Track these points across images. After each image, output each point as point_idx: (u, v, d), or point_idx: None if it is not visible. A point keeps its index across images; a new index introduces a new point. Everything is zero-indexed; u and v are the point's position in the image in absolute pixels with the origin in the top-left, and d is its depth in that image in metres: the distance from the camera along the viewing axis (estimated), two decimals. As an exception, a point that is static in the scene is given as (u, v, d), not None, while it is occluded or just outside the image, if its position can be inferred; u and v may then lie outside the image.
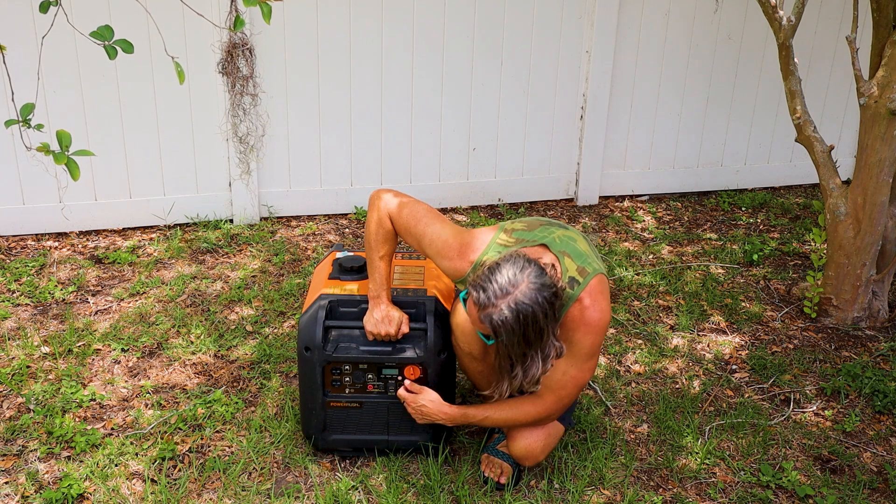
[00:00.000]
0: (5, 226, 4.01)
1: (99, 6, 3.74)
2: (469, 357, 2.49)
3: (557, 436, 2.55)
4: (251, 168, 4.12)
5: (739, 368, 3.26)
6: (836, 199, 3.44)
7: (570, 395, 2.38)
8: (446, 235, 2.39)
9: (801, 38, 4.59)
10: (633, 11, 4.55)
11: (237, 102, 2.53)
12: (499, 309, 2.10)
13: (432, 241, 2.40)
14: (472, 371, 2.55)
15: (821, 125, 4.92)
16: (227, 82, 2.48)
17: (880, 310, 3.59)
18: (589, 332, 2.29)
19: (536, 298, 2.11)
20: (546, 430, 2.49)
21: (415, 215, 2.43)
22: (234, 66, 2.44)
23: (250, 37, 3.28)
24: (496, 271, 2.14)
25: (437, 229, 2.41)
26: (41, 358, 3.11)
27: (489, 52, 4.42)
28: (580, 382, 2.37)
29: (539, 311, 2.12)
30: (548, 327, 2.16)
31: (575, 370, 2.33)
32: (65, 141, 1.75)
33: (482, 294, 2.12)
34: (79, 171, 1.76)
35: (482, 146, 4.60)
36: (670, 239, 4.39)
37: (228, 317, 3.45)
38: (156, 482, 2.51)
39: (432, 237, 2.40)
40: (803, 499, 2.58)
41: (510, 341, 2.14)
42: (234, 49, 2.42)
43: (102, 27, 1.76)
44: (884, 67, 3.23)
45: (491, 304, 2.10)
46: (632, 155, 4.88)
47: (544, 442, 2.49)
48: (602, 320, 2.29)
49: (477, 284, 2.14)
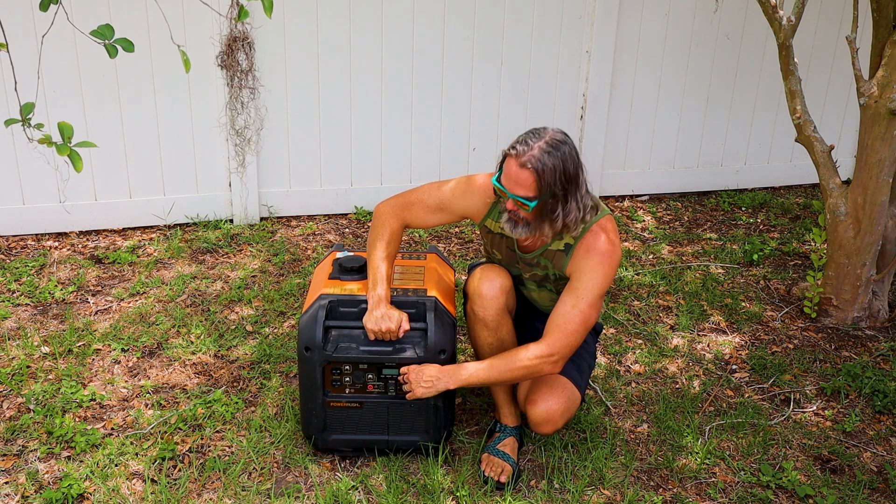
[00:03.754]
0: (5, 226, 4.01)
1: (99, 4, 3.74)
2: (482, 325, 2.51)
3: (576, 403, 2.55)
4: (247, 161, 4.11)
5: (739, 368, 3.26)
6: (836, 199, 3.44)
7: (576, 331, 2.37)
8: (455, 181, 2.60)
9: (801, 38, 4.59)
10: (633, 11, 4.55)
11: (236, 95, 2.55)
12: (538, 148, 2.26)
13: (453, 192, 2.57)
14: (483, 343, 2.55)
15: (821, 125, 4.92)
16: (226, 75, 2.50)
17: (880, 310, 3.59)
18: (602, 262, 2.36)
19: (566, 137, 2.31)
20: (566, 395, 2.49)
21: (422, 196, 2.60)
22: (233, 60, 2.45)
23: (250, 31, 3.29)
24: (525, 134, 2.32)
25: (448, 185, 2.60)
26: (41, 358, 3.11)
27: (489, 52, 4.42)
28: (586, 319, 2.37)
29: (571, 146, 2.30)
30: (580, 165, 2.32)
31: (584, 304, 2.36)
32: (66, 132, 1.76)
33: (518, 146, 2.28)
34: (81, 162, 1.76)
35: (482, 146, 4.60)
36: (670, 239, 4.39)
37: (228, 317, 3.45)
38: (156, 482, 2.51)
39: (452, 188, 2.58)
40: (803, 499, 2.58)
41: (552, 179, 2.25)
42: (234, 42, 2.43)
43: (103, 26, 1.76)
44: (884, 67, 3.23)
45: (530, 148, 2.26)
46: (632, 155, 4.88)
47: (564, 406, 2.49)
48: (615, 253, 2.39)
49: (512, 146, 2.30)
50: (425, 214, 2.59)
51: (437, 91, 4.42)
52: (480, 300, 2.48)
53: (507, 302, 2.52)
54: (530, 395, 2.51)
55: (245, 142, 2.74)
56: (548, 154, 2.25)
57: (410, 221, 2.61)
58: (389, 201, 2.63)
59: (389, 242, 2.55)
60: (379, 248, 2.54)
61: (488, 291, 2.48)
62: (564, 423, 2.53)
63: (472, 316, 2.53)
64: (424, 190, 2.61)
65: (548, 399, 2.48)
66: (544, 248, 2.49)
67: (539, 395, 2.49)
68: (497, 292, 2.48)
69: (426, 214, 2.59)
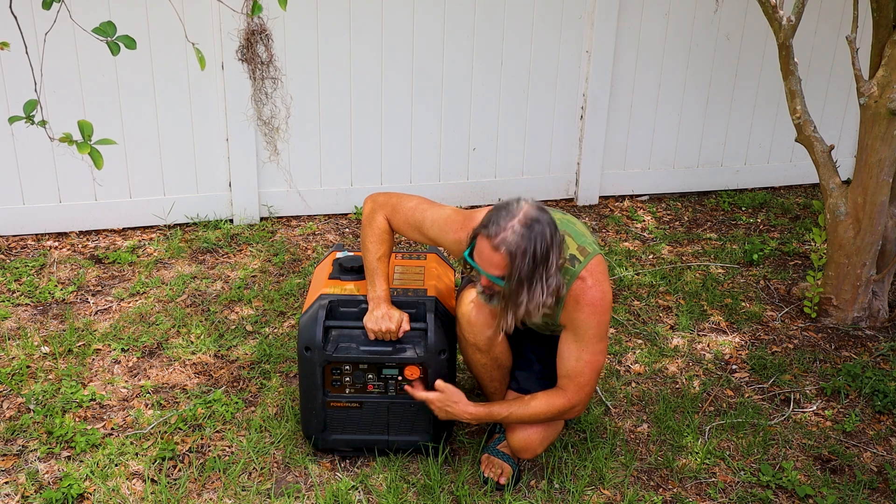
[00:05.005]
0: (5, 226, 4.01)
1: (98, 4, 3.73)
2: (474, 349, 2.49)
3: (557, 430, 2.55)
4: (279, 149, 4.07)
5: (739, 368, 3.27)
6: (836, 198, 3.44)
7: (589, 380, 2.38)
8: (447, 213, 2.47)
9: (801, 38, 4.59)
10: (633, 11, 4.55)
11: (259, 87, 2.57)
12: (510, 228, 2.16)
13: (434, 222, 2.45)
14: (476, 365, 2.54)
15: (821, 125, 4.91)
16: (248, 69, 2.52)
17: (880, 310, 3.59)
18: (594, 312, 2.31)
19: (541, 215, 2.20)
20: (544, 424, 2.49)
21: (411, 207, 2.49)
22: (253, 53, 2.48)
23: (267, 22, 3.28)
24: (498, 209, 2.22)
25: (436, 212, 2.48)
26: (41, 358, 3.11)
27: (489, 52, 4.42)
28: (596, 366, 2.37)
29: (546, 223, 2.19)
30: (553, 247, 2.20)
31: (588, 354, 2.35)
32: (87, 131, 1.76)
33: (492, 226, 2.18)
34: (102, 160, 1.76)
35: (482, 146, 4.60)
36: (670, 239, 4.39)
37: (228, 317, 3.45)
38: (156, 482, 2.51)
39: (434, 218, 2.46)
40: (803, 499, 2.58)
41: (521, 262, 2.15)
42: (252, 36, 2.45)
43: (105, 23, 1.76)
44: (884, 67, 3.23)
45: (502, 229, 2.16)
46: (632, 155, 4.88)
47: (542, 434, 2.48)
48: (605, 299, 2.33)
49: (484, 224, 2.21)
50: (406, 227, 2.51)
51: (437, 91, 4.42)
52: (470, 327, 2.45)
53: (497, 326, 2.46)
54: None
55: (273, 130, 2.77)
56: (521, 236, 2.15)
57: (393, 225, 2.53)
58: (379, 197, 2.54)
59: (382, 241, 2.50)
60: (372, 249, 2.50)
61: (476, 318, 2.43)
62: (544, 449, 2.53)
63: (463, 341, 2.51)
64: (414, 204, 2.51)
65: (527, 429, 2.47)
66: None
67: (519, 424, 2.48)
68: (487, 317, 2.42)
69: (407, 227, 2.51)
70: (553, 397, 2.41)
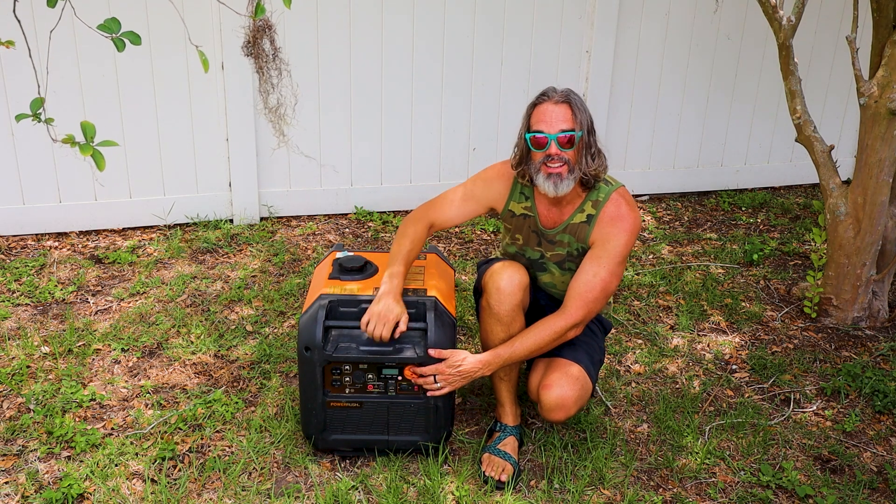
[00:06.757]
0: (5, 226, 4.01)
1: (98, 4, 3.73)
2: (495, 320, 2.52)
3: (588, 392, 2.57)
4: (286, 134, 4.08)
5: (739, 368, 3.27)
6: (837, 199, 3.44)
7: (596, 298, 2.45)
8: (471, 178, 2.71)
9: (801, 38, 4.60)
10: (633, 11, 4.55)
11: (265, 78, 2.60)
12: (560, 90, 2.45)
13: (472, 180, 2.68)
14: (494, 339, 2.55)
15: (821, 125, 4.92)
16: (254, 64, 2.57)
17: (880, 310, 3.59)
18: (625, 230, 2.45)
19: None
20: (580, 383, 2.51)
21: (444, 193, 2.70)
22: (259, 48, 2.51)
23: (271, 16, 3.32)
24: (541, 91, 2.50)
25: (467, 182, 2.70)
26: (41, 358, 3.11)
27: (489, 52, 4.42)
28: (607, 287, 2.44)
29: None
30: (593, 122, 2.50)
31: (605, 272, 2.44)
32: (89, 132, 1.76)
33: (543, 95, 2.45)
34: (104, 161, 1.76)
35: (482, 146, 4.60)
36: (670, 239, 4.39)
37: (228, 317, 3.45)
38: (156, 482, 2.51)
39: (473, 181, 2.68)
40: (803, 499, 2.58)
41: (583, 112, 2.43)
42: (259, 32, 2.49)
43: (109, 20, 1.76)
44: (884, 67, 3.23)
45: (554, 90, 2.45)
46: (632, 155, 4.88)
47: (578, 394, 2.50)
48: (636, 222, 2.49)
49: (537, 97, 2.47)
50: (451, 209, 2.65)
51: (438, 91, 4.42)
52: (498, 294, 2.49)
53: (523, 299, 2.54)
54: (544, 380, 2.52)
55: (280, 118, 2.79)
56: (572, 93, 2.44)
57: (436, 220, 2.66)
58: (413, 211, 2.71)
59: (415, 241, 2.61)
60: (403, 245, 2.60)
61: (507, 286, 2.49)
62: (577, 410, 2.55)
63: (487, 309, 2.54)
64: (446, 192, 2.70)
65: (563, 385, 2.49)
66: (566, 222, 2.53)
67: (553, 380, 2.50)
68: (515, 288, 2.49)
69: (453, 209, 2.65)
70: (552, 319, 2.47)
